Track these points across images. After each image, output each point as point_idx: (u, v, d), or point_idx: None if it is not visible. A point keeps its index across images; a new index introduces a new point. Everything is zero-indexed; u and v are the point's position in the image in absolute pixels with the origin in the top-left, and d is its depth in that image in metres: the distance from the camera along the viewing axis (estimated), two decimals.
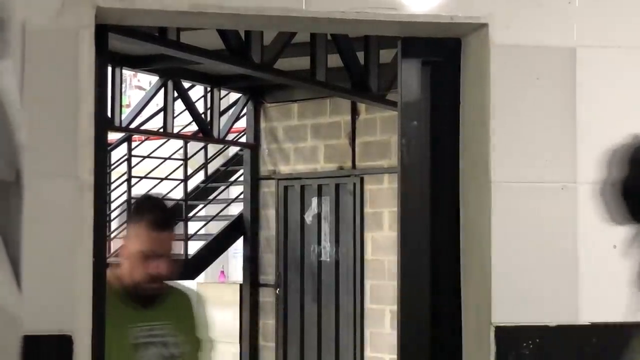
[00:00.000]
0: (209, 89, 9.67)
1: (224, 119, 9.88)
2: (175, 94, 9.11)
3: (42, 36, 2.30)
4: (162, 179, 10.14)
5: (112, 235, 9.69)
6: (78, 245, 2.36)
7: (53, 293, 2.32)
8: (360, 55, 7.08)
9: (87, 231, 2.39)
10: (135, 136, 10.19)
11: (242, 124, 10.29)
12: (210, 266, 10.62)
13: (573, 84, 2.56)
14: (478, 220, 2.57)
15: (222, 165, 11.05)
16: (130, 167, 9.47)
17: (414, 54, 2.71)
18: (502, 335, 2.46)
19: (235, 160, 10.89)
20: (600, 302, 2.51)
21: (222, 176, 10.93)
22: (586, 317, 2.50)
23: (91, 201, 2.39)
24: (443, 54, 2.69)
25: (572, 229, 2.51)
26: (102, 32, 2.50)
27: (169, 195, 10.16)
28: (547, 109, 2.55)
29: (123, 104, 9.44)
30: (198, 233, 10.21)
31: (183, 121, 10.44)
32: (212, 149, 10.76)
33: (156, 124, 9.84)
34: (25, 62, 2.12)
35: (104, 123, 2.60)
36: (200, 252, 9.87)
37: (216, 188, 10.93)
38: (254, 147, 9.96)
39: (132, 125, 9.08)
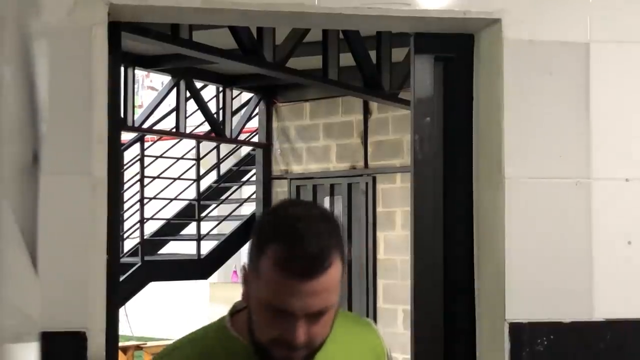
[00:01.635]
0: (221, 88, 9.68)
1: (236, 118, 9.89)
2: (188, 94, 9.13)
3: (55, 33, 2.31)
4: (174, 179, 10.16)
5: (125, 236, 9.71)
6: (92, 242, 2.36)
7: (67, 290, 2.33)
8: (373, 54, 7.07)
9: (100, 228, 2.39)
10: (148, 136, 10.21)
11: (254, 123, 10.30)
12: (223, 266, 10.63)
13: (587, 79, 2.54)
14: (491, 216, 2.56)
15: (235, 165, 11.06)
16: (142, 167, 9.48)
17: (427, 50, 2.70)
18: (516, 331, 2.45)
19: (248, 160, 10.90)
20: (615, 299, 2.49)
21: (234, 176, 10.94)
22: (600, 313, 2.48)
23: (105, 198, 2.39)
24: (456, 49, 2.69)
25: (586, 225, 2.50)
26: (115, 30, 2.50)
27: (181, 195, 10.18)
28: (561, 104, 2.54)
29: (136, 104, 9.47)
30: (211, 233, 10.23)
31: (195, 121, 10.46)
32: (225, 148, 10.77)
33: (168, 124, 9.85)
34: (38, 59, 2.13)
35: (117, 122, 2.61)
36: (213, 252, 9.87)
37: (229, 188, 10.94)
38: (266, 146, 9.97)
39: (145, 126, 9.10)
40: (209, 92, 10.12)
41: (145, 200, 9.55)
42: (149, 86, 15.43)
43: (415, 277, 2.66)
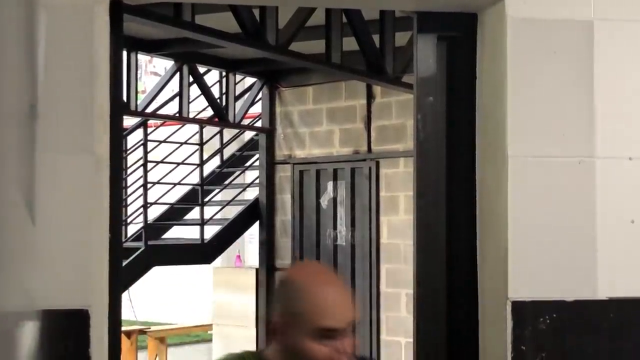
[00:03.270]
0: (224, 73, 9.67)
1: (239, 103, 9.88)
2: (191, 79, 9.12)
3: (57, 11, 2.30)
4: (178, 164, 10.17)
5: (129, 220, 9.72)
6: (95, 221, 2.36)
7: (70, 268, 2.33)
8: (376, 39, 7.05)
9: (103, 206, 2.39)
10: (151, 122, 10.21)
11: (257, 108, 10.29)
12: (227, 251, 10.65)
13: (591, 57, 2.53)
14: (494, 195, 2.55)
15: (238, 150, 11.06)
16: (146, 152, 9.48)
17: (430, 29, 2.69)
18: (518, 310, 2.45)
19: (251, 145, 10.90)
20: (618, 277, 2.49)
21: (237, 161, 10.94)
22: (604, 292, 2.48)
23: (107, 176, 2.39)
24: (459, 28, 2.67)
25: (589, 203, 2.50)
26: (117, 9, 2.49)
27: (184, 180, 10.18)
28: (565, 83, 2.53)
29: (139, 90, 9.45)
30: (214, 218, 10.24)
31: (198, 106, 10.45)
32: (228, 133, 10.77)
33: (171, 109, 9.85)
34: (41, 37, 2.12)
35: (119, 102, 2.60)
36: (216, 237, 9.89)
37: (232, 173, 10.95)
38: (269, 131, 9.96)
39: (148, 111, 9.09)
40: (212, 77, 10.11)
41: (149, 185, 9.56)
42: (152, 72, 15.42)
43: (418, 256, 2.66)
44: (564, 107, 2.53)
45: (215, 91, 9.79)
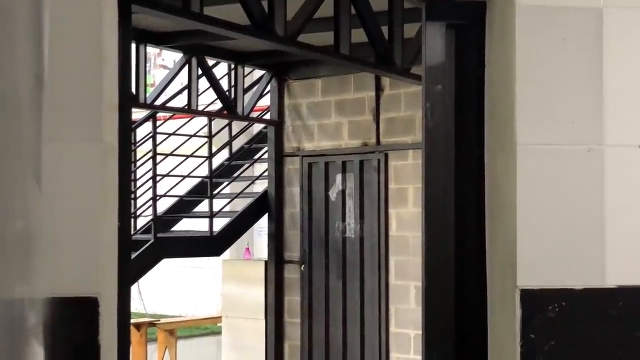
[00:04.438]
0: (233, 66, 9.67)
1: (248, 96, 9.88)
2: (200, 72, 9.12)
3: (66, 1, 2.30)
4: (187, 157, 10.18)
5: (138, 213, 9.74)
6: (104, 209, 2.37)
7: (79, 256, 2.33)
8: (385, 31, 7.04)
9: (112, 195, 2.40)
10: (160, 115, 10.22)
11: (266, 101, 10.30)
12: (236, 244, 10.67)
13: (600, 45, 2.52)
14: (503, 183, 2.55)
15: (247, 143, 11.07)
16: (155, 145, 9.50)
17: (439, 18, 2.69)
18: (527, 298, 2.44)
19: (260, 138, 10.92)
20: (627, 266, 2.48)
21: (246, 154, 10.95)
22: (613, 280, 2.47)
23: (116, 165, 2.39)
24: (468, 16, 2.67)
25: (598, 191, 2.49)
26: (126, 1, 2.49)
27: (194, 173, 10.19)
28: (574, 71, 2.52)
29: (148, 83, 9.47)
30: (223, 210, 10.25)
31: (207, 99, 10.46)
32: (237, 126, 10.77)
33: (180, 102, 9.86)
34: (49, 25, 2.12)
35: (128, 97, 2.61)
36: (226, 230, 9.91)
37: (241, 166, 10.97)
38: (278, 124, 9.96)
39: (157, 104, 9.10)
40: (221, 69, 10.12)
41: (158, 178, 9.58)
42: (161, 65, 15.43)
43: (427, 244, 2.66)
44: (573, 96, 2.52)
45: (224, 84, 9.80)
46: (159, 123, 9.93)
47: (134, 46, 7.79)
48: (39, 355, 1.66)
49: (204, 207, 10.26)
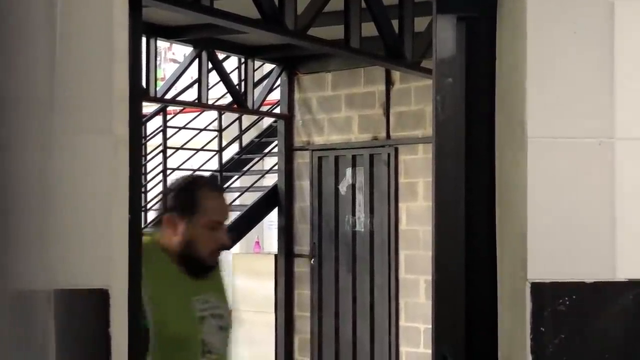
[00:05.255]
0: (243, 60, 9.68)
1: (258, 90, 9.89)
2: (210, 66, 9.13)
3: None
4: (197, 150, 10.20)
5: (148, 207, 9.76)
6: (114, 200, 2.37)
7: (90, 248, 2.34)
8: (395, 24, 7.03)
9: (122, 186, 2.40)
10: (170, 108, 10.24)
11: (276, 95, 10.30)
12: (246, 237, 10.68)
13: (611, 38, 2.51)
14: (514, 176, 2.54)
15: (257, 137, 11.08)
16: (165, 139, 9.52)
17: (449, 10, 2.68)
18: (537, 291, 2.44)
19: (270, 132, 10.92)
20: (638, 259, 2.48)
21: (256, 147, 10.96)
22: (623, 273, 2.47)
23: (126, 156, 2.40)
24: (479, 8, 2.66)
25: (609, 184, 2.48)
26: None
27: (204, 166, 10.21)
28: (585, 64, 2.51)
29: (158, 77, 9.48)
30: (233, 204, 10.26)
31: (217, 93, 10.47)
32: (247, 120, 10.78)
33: (190, 96, 9.87)
34: (60, 19, 2.13)
35: (138, 90, 2.61)
36: (235, 223, 9.92)
37: (251, 159, 10.97)
38: (287, 118, 9.96)
39: (167, 97, 9.12)
40: (231, 63, 10.13)
41: (168, 171, 9.60)
42: (171, 59, 15.44)
43: (437, 237, 2.66)
44: (584, 88, 2.51)
45: (234, 78, 9.81)
46: (168, 117, 9.95)
47: (144, 40, 7.80)
48: (51, 346, 1.67)
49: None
